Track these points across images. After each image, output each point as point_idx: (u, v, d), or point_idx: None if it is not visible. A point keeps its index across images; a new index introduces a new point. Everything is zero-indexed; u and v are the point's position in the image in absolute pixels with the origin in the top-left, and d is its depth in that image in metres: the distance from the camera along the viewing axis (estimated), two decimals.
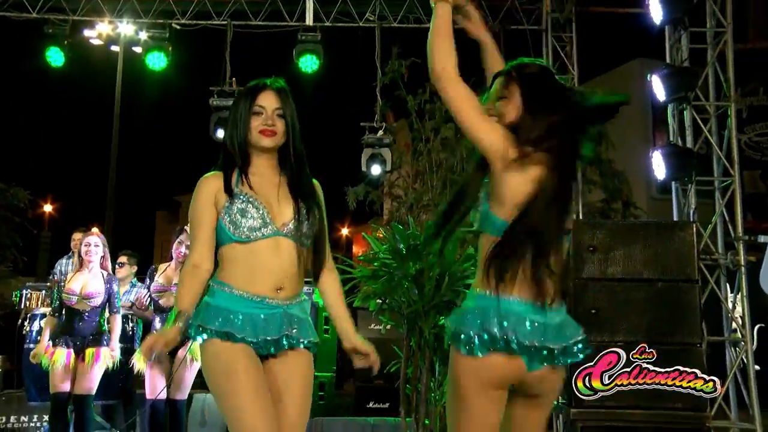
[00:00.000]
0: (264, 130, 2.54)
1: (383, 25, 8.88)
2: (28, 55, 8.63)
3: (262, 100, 2.57)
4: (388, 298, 4.54)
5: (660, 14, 6.04)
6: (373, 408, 7.63)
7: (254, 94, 2.58)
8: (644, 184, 14.94)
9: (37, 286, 7.77)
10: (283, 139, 2.58)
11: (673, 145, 6.12)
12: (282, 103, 2.58)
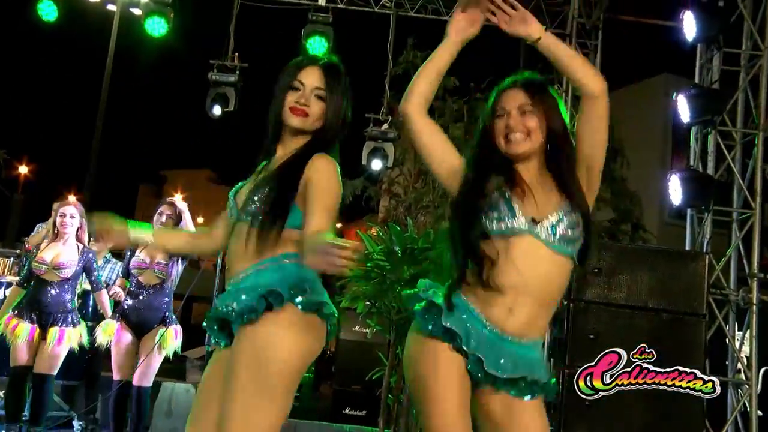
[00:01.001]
0: (294, 108, 2.42)
1: (399, 12, 8.87)
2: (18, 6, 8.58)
3: (304, 76, 2.46)
4: (377, 301, 4.55)
5: (694, 31, 6.03)
6: (350, 414, 7.63)
7: (298, 67, 2.48)
8: (657, 207, 14.98)
9: (5, 252, 7.74)
10: (319, 123, 2.44)
11: (693, 169, 6.12)
12: (326, 84, 2.45)
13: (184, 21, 8.98)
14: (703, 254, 5.20)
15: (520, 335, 2.27)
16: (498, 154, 2.40)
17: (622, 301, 4.79)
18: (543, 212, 2.31)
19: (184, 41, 9.83)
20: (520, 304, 2.27)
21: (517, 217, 2.29)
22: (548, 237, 2.28)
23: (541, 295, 2.29)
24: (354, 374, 7.70)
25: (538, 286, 2.28)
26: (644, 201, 13.11)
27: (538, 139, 2.37)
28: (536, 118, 2.35)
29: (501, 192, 2.33)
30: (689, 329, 4.76)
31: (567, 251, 2.30)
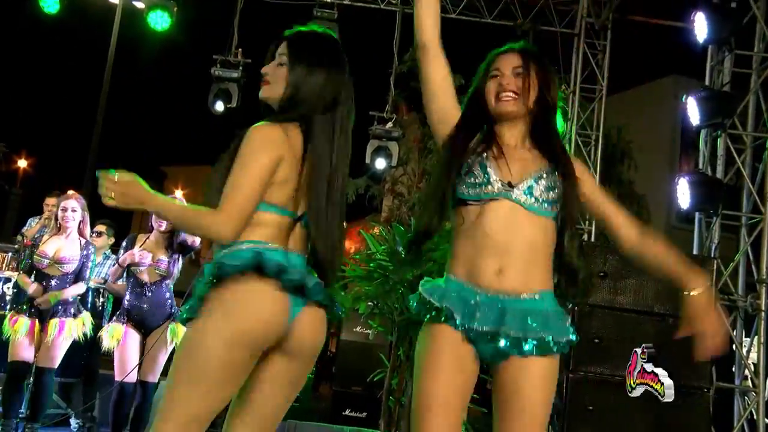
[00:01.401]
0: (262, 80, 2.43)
1: (405, 9, 8.87)
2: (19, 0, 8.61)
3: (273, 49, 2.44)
4: (380, 302, 4.55)
5: (705, 32, 6.01)
6: (350, 416, 7.64)
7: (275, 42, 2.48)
8: (664, 211, 14.97)
9: (3, 247, 7.75)
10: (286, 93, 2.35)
11: (702, 173, 6.11)
12: (288, 52, 2.37)
13: (187, 15, 9.00)
14: (711, 259, 5.20)
15: (517, 292, 2.30)
16: (485, 117, 2.47)
17: (628, 305, 4.79)
18: (520, 175, 2.37)
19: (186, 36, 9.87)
20: (507, 265, 2.30)
21: (492, 182, 2.35)
22: (526, 200, 2.33)
23: (526, 255, 2.32)
24: (354, 375, 7.70)
25: (521, 247, 2.32)
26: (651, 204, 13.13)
27: (527, 102, 2.43)
28: (528, 81, 2.42)
29: (478, 155, 2.39)
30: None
31: (546, 213, 2.36)
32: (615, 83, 8.80)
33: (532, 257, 2.33)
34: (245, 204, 2.17)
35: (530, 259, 2.33)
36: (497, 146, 2.41)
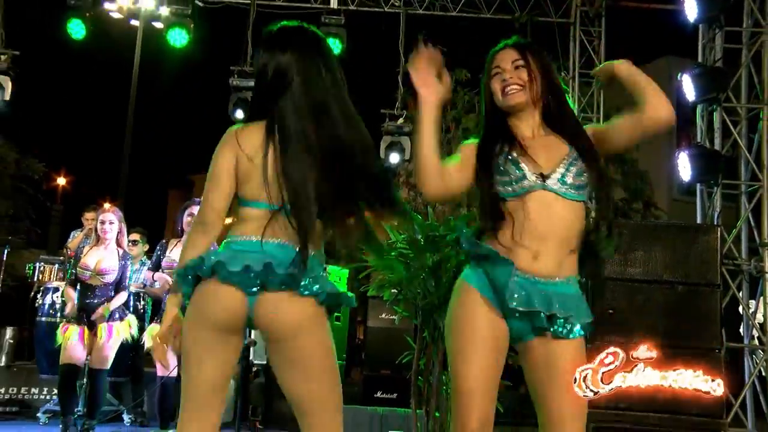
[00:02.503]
0: None
1: (408, 11, 8.85)
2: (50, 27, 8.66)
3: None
4: (403, 289, 4.54)
5: (695, 12, 5.96)
6: (381, 398, 7.65)
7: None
8: (666, 185, 14.87)
9: (50, 259, 7.84)
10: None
11: (701, 146, 6.07)
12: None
13: (203, 31, 9.02)
14: (715, 227, 5.15)
15: (549, 275, 2.33)
16: (500, 115, 2.48)
17: (638, 276, 4.75)
18: (550, 165, 2.37)
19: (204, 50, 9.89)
20: (543, 252, 2.33)
21: (527, 176, 2.36)
22: (560, 188, 2.35)
23: (562, 240, 2.34)
24: (383, 359, 7.71)
25: (558, 233, 2.34)
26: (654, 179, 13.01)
27: (534, 90, 2.43)
28: (530, 71, 2.43)
29: (506, 154, 2.39)
30: (705, 300, 4.72)
31: (579, 197, 2.37)
32: None
33: (567, 243, 2.35)
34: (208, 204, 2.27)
35: (565, 245, 2.35)
36: (517, 141, 2.41)
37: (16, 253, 10.32)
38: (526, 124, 2.46)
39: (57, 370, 5.70)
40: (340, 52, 8.51)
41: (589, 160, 2.38)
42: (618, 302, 4.72)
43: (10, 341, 7.54)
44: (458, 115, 9.95)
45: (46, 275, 7.62)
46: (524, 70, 2.42)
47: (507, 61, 2.45)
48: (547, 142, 2.43)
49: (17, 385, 7.13)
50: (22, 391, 7.12)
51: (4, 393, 7.09)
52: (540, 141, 2.43)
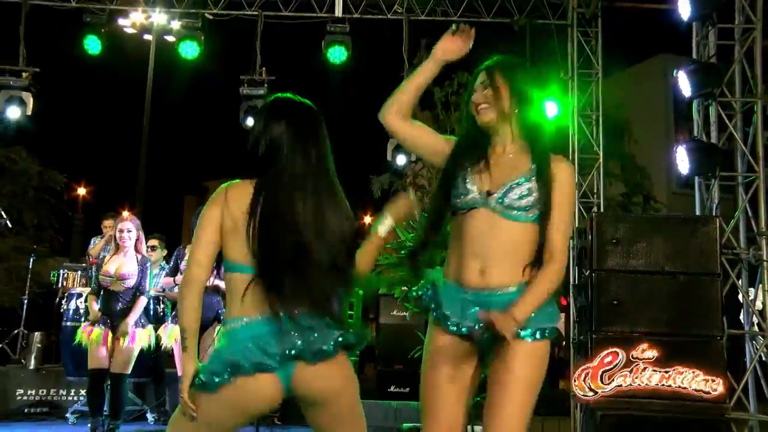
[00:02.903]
0: None
1: (411, 17, 8.85)
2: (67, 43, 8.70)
3: None
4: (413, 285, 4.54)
5: (688, 10, 5.94)
6: (394, 392, 7.67)
7: None
8: (664, 179, 14.83)
9: (73, 266, 7.90)
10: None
11: (698, 140, 6.04)
12: None
13: (213, 42, 9.04)
14: (714, 218, 5.15)
15: (500, 286, 2.35)
16: (478, 131, 2.51)
17: (641, 267, 4.76)
18: (498, 184, 2.40)
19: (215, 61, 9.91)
20: (488, 267, 2.35)
21: (471, 193, 2.39)
22: (497, 207, 2.36)
23: (507, 258, 2.35)
24: (396, 355, 7.72)
25: (501, 251, 2.35)
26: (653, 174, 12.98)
27: (500, 106, 2.45)
28: (493, 89, 2.46)
29: (463, 170, 2.44)
30: (706, 289, 4.73)
31: (520, 218, 2.36)
32: (609, 66, 8.71)
33: (513, 257, 2.35)
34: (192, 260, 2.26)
35: (510, 259, 2.35)
36: (484, 157, 2.45)
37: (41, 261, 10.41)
38: (499, 140, 2.49)
39: (83, 372, 5.74)
40: (345, 59, 8.52)
41: (541, 182, 2.38)
42: (622, 293, 4.73)
43: (38, 345, 7.62)
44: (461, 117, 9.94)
45: (69, 282, 7.68)
46: (489, 88, 2.47)
47: (477, 83, 2.52)
48: (513, 159, 2.45)
49: (46, 387, 7.21)
50: (51, 393, 7.20)
51: (35, 394, 7.16)
52: (506, 158, 2.46)
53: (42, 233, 12.51)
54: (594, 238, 4.82)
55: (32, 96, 8.16)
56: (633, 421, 4.45)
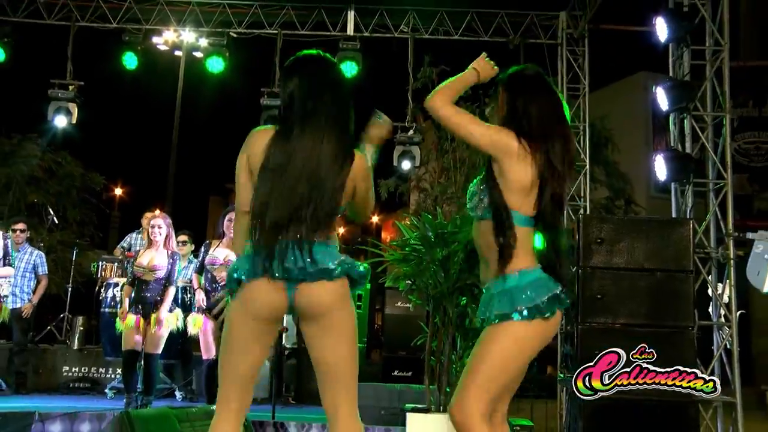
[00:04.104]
0: None
1: (416, 36, 8.86)
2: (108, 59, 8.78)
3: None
4: (416, 280, 4.56)
5: (665, 33, 5.94)
6: (398, 376, 7.68)
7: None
8: (644, 184, 14.78)
9: (111, 258, 7.95)
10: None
11: (674, 150, 6.04)
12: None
13: (237, 58, 9.07)
14: (688, 220, 5.14)
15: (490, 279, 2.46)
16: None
17: (622, 264, 4.75)
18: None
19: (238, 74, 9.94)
20: (484, 263, 2.51)
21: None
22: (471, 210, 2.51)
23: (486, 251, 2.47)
24: (400, 342, 7.74)
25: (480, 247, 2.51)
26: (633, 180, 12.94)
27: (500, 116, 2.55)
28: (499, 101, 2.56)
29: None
30: (680, 284, 4.72)
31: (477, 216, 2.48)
32: (595, 81, 8.71)
33: (491, 251, 2.42)
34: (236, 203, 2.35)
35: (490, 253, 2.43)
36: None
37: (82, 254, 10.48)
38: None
39: (119, 353, 5.79)
40: (356, 73, 8.54)
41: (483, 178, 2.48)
42: (605, 288, 4.72)
43: (81, 328, 7.72)
44: None
45: (107, 272, 7.72)
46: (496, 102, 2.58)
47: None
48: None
49: (87, 365, 7.31)
50: (91, 370, 7.30)
51: (78, 371, 7.28)
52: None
53: (83, 228, 12.57)
54: (580, 237, 4.82)
55: (77, 106, 8.23)
56: (612, 403, 4.44)
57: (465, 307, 4.36)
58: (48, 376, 7.25)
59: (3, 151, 11.91)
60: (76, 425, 5.15)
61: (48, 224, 9.85)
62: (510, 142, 2.39)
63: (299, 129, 2.26)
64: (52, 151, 12.14)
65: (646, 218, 6.09)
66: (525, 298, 2.35)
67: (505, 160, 2.39)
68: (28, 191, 11.73)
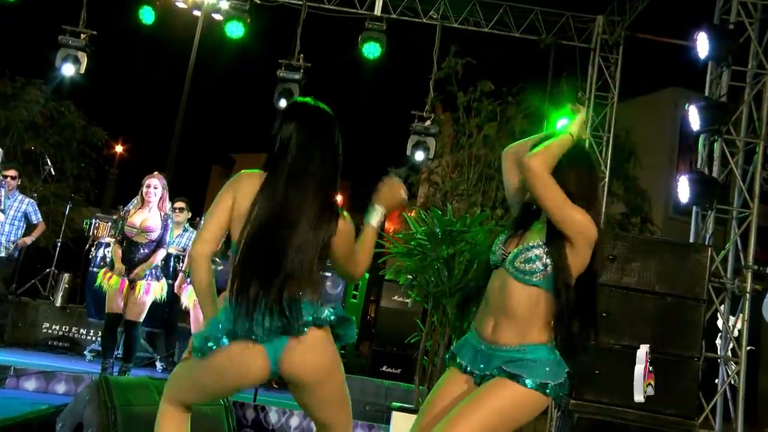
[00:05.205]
0: None
1: (445, 23, 8.80)
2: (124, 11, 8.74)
3: None
4: (418, 276, 4.54)
5: (706, 50, 5.87)
6: (386, 372, 7.67)
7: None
8: (662, 204, 14.71)
9: (105, 217, 7.95)
10: None
11: (700, 172, 5.99)
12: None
13: (258, 25, 9.01)
14: (706, 247, 5.11)
15: (505, 344, 2.34)
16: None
17: (632, 284, 4.72)
18: (513, 248, 2.39)
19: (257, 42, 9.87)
20: (499, 323, 2.36)
21: (496, 253, 2.44)
22: (509, 269, 2.37)
23: (516, 316, 2.33)
24: (391, 337, 7.73)
25: (510, 309, 2.34)
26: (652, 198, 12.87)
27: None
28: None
29: (509, 230, 2.48)
30: (690, 312, 4.69)
31: (526, 280, 2.33)
32: (624, 91, 8.65)
33: (520, 319, 2.32)
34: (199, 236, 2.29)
35: (519, 321, 2.33)
36: (526, 225, 2.46)
37: (76, 209, 10.47)
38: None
39: (103, 316, 5.77)
40: (379, 55, 8.49)
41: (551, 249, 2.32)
42: (612, 307, 4.69)
43: (66, 285, 7.71)
44: (481, 122, 9.86)
45: (100, 231, 7.73)
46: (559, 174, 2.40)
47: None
48: (535, 227, 2.43)
49: (69, 324, 7.33)
50: (72, 330, 7.32)
51: (58, 330, 7.29)
52: (534, 226, 2.44)
53: (79, 183, 12.57)
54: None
55: (87, 56, 8.20)
56: (606, 428, 4.43)
57: (464, 307, 4.33)
58: (27, 330, 7.27)
59: (5, 94, 11.88)
60: (51, 385, 5.16)
61: (44, 175, 9.84)
62: (595, 234, 2.35)
63: (287, 183, 2.23)
64: (55, 100, 12.10)
65: (662, 239, 6.05)
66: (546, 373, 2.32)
67: (586, 246, 2.33)
68: (26, 137, 11.70)
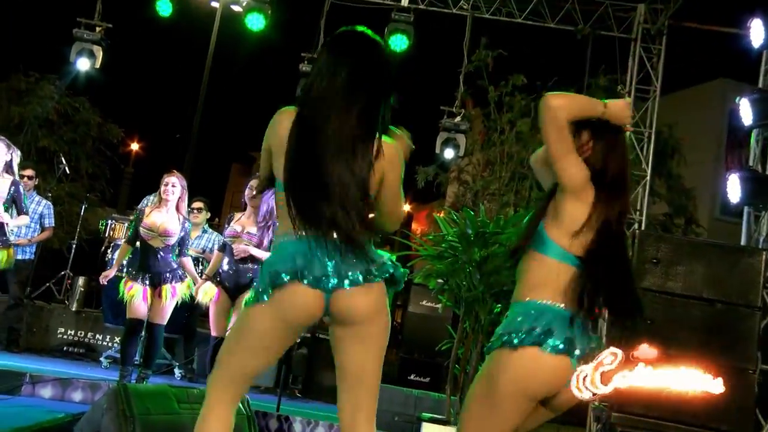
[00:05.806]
0: None
1: (476, 14, 8.75)
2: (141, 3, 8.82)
3: None
4: (449, 280, 4.50)
5: (761, 38, 5.75)
6: (414, 380, 7.62)
7: None
8: (709, 204, 14.45)
9: (121, 218, 8.02)
10: None
11: (753, 170, 5.87)
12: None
13: (280, 17, 9.03)
14: (760, 250, 5.00)
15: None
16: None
17: (678, 290, 4.65)
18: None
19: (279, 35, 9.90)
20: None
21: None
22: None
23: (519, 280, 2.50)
24: (419, 344, 7.67)
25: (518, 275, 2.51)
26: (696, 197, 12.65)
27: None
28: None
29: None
30: (743, 320, 4.60)
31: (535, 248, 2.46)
32: (667, 84, 8.51)
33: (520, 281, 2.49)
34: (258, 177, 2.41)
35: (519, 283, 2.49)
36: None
37: (91, 210, 10.60)
38: None
39: (120, 321, 5.80)
40: (406, 48, 8.45)
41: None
42: (656, 313, 4.62)
43: (81, 289, 7.75)
44: (513, 118, 9.79)
45: (116, 232, 7.80)
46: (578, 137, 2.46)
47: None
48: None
49: (84, 329, 7.40)
50: (88, 336, 7.38)
51: (73, 335, 7.36)
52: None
53: (95, 182, 12.71)
54: (634, 255, 4.71)
55: (102, 50, 8.28)
56: None
57: (499, 315, 4.29)
58: (42, 335, 7.35)
59: (19, 89, 12.05)
60: (68, 392, 5.20)
61: (59, 173, 9.95)
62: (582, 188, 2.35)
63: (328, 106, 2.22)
64: (70, 95, 12.24)
65: (710, 242, 5.93)
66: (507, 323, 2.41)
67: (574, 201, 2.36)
68: (40, 135, 11.85)
